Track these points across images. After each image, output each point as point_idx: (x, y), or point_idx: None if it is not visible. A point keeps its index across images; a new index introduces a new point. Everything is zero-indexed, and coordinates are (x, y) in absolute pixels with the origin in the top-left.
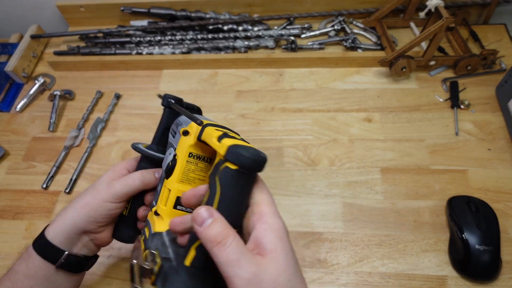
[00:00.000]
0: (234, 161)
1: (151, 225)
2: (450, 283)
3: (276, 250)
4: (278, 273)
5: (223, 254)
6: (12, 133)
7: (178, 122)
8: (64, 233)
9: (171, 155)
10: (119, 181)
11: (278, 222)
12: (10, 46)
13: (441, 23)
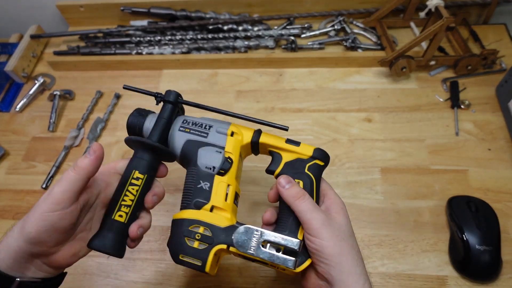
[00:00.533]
0: (322, 159)
1: (213, 222)
2: (450, 283)
3: (339, 214)
4: (342, 223)
5: (303, 204)
6: (12, 133)
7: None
8: (10, 258)
9: (221, 153)
10: (56, 183)
11: (340, 202)
12: (10, 46)
13: (441, 23)
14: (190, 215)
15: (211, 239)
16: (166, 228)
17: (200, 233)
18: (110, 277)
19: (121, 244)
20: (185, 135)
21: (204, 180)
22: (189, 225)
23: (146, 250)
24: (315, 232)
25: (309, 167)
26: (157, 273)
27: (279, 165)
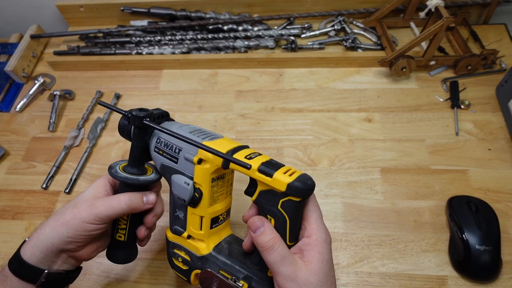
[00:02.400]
0: (297, 195)
1: (190, 249)
2: (450, 283)
3: (312, 261)
4: (311, 274)
5: (271, 256)
6: (12, 133)
7: (174, 146)
8: (41, 253)
9: (189, 185)
10: (103, 201)
11: (320, 237)
12: (10, 46)
13: (441, 23)
14: (173, 238)
15: (190, 264)
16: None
17: (182, 256)
18: (110, 277)
19: (129, 254)
20: (160, 158)
21: (179, 209)
22: (173, 247)
23: (146, 250)
24: (279, 286)
25: (283, 204)
26: (157, 273)
27: (254, 191)
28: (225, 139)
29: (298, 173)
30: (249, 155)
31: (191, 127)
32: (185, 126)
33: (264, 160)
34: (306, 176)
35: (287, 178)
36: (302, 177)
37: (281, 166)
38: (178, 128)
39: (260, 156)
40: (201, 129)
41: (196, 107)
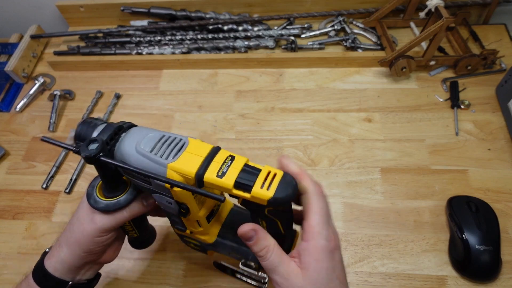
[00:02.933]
0: (279, 206)
1: (199, 240)
2: (450, 283)
3: (309, 269)
4: (306, 283)
5: (265, 263)
6: (12, 133)
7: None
8: (64, 268)
9: (172, 204)
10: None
11: (318, 243)
12: (10, 46)
13: (441, 23)
14: (178, 232)
15: (203, 247)
16: (166, 228)
17: (193, 242)
18: (110, 277)
19: (148, 240)
20: (133, 181)
21: (172, 216)
22: (184, 237)
23: (146, 250)
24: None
25: (269, 211)
26: (157, 273)
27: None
28: (192, 146)
29: (278, 179)
30: (221, 169)
31: (155, 138)
32: (147, 138)
33: (238, 170)
34: (287, 181)
35: (265, 193)
36: (282, 185)
37: (257, 173)
38: (141, 140)
39: (234, 164)
40: (166, 136)
41: (196, 107)
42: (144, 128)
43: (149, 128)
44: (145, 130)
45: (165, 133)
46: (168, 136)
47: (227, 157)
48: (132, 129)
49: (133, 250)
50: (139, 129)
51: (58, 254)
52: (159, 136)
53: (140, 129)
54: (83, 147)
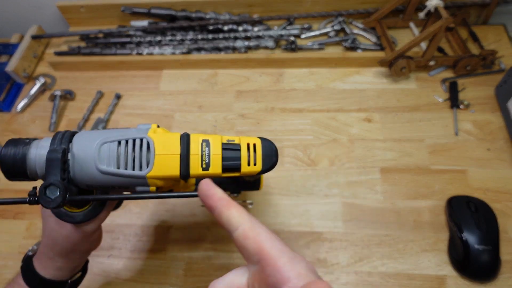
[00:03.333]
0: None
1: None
2: (450, 283)
3: None
4: None
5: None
6: (13, 133)
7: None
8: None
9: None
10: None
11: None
12: (11, 47)
13: (441, 24)
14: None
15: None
16: (166, 228)
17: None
18: (110, 277)
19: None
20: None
21: None
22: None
23: (146, 250)
24: None
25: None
26: (157, 273)
27: None
28: (159, 144)
29: (259, 150)
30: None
31: (112, 149)
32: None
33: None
34: (268, 149)
35: (253, 168)
36: (265, 155)
37: (238, 150)
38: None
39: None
40: (122, 142)
41: (196, 107)
42: (89, 136)
43: (94, 133)
44: (92, 139)
45: (118, 136)
46: (125, 141)
47: (201, 144)
48: (76, 145)
49: (133, 250)
50: (84, 141)
51: (53, 264)
52: (115, 145)
53: (85, 139)
54: (42, 198)
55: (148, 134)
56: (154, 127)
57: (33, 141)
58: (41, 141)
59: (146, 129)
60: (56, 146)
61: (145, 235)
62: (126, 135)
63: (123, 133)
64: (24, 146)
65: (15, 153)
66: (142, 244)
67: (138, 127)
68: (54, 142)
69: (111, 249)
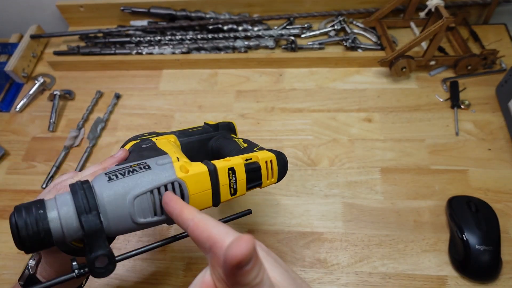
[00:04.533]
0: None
1: None
2: (450, 283)
3: None
4: None
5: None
6: (12, 133)
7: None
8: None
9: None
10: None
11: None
12: (10, 46)
13: (441, 23)
14: None
15: None
16: (166, 228)
17: None
18: (110, 277)
19: None
20: None
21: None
22: None
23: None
24: None
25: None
26: (157, 273)
27: None
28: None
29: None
30: (231, 188)
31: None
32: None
33: (244, 180)
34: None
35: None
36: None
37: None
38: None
39: (238, 176)
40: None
41: (196, 107)
42: (112, 191)
43: (114, 185)
44: (119, 195)
45: (147, 185)
46: (157, 190)
47: (228, 173)
48: (107, 206)
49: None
50: (113, 200)
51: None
52: (147, 197)
53: (112, 197)
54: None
55: (177, 174)
56: (175, 159)
57: (43, 203)
58: (58, 199)
59: (170, 167)
60: (85, 208)
61: (145, 235)
62: (154, 180)
63: (149, 177)
64: (37, 212)
65: (34, 221)
66: (142, 244)
67: (159, 163)
68: (78, 202)
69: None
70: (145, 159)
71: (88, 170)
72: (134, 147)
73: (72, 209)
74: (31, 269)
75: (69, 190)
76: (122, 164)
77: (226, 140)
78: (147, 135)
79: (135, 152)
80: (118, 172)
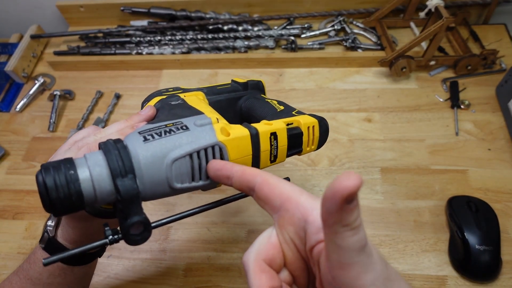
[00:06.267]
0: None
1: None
2: (450, 283)
3: None
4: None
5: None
6: (12, 133)
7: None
8: (84, 241)
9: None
10: None
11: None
12: (10, 46)
13: (441, 23)
14: None
15: None
16: (166, 228)
17: None
18: (110, 277)
19: None
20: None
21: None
22: None
23: (146, 250)
24: None
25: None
26: (157, 273)
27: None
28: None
29: (317, 132)
30: (272, 155)
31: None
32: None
33: (285, 146)
34: (324, 129)
35: (311, 148)
36: (321, 136)
37: (301, 136)
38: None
39: (280, 142)
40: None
41: None
42: (150, 152)
43: (151, 145)
44: (157, 157)
45: (186, 148)
46: (196, 154)
47: (270, 138)
48: (143, 168)
49: (133, 250)
50: (150, 161)
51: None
52: (186, 161)
53: (149, 158)
54: (129, 237)
55: (218, 137)
56: (215, 121)
57: (73, 163)
58: (89, 157)
59: (210, 129)
60: (121, 171)
61: None
62: (194, 143)
63: (188, 139)
64: (68, 171)
65: (64, 181)
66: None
67: (197, 124)
68: (113, 163)
69: (111, 249)
70: (178, 118)
71: (113, 127)
72: (162, 103)
73: (106, 171)
74: (50, 232)
75: (100, 149)
76: (155, 123)
77: (257, 100)
78: (172, 90)
79: (166, 110)
80: (153, 132)
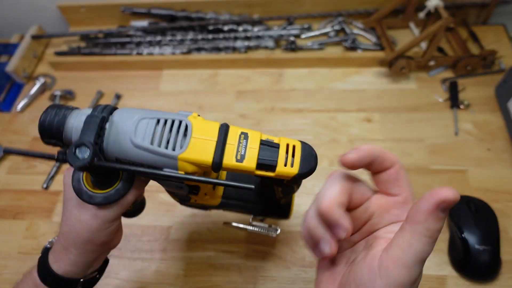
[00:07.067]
0: (301, 179)
1: (202, 204)
2: (450, 283)
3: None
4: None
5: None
6: (13, 133)
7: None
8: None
9: (183, 188)
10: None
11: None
12: (11, 47)
13: (441, 24)
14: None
15: (205, 207)
16: (166, 228)
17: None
18: (110, 277)
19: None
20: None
21: (179, 195)
22: (184, 202)
23: (146, 250)
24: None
25: (287, 181)
26: (157, 273)
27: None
28: (197, 127)
29: (298, 152)
30: (238, 152)
31: (150, 125)
32: (140, 126)
33: (256, 150)
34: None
35: (290, 170)
36: (304, 158)
37: (277, 148)
38: (133, 131)
39: (250, 143)
40: (161, 120)
41: (196, 107)
42: (129, 111)
43: (134, 110)
44: (132, 114)
45: (158, 115)
46: (164, 120)
47: (240, 136)
48: (116, 117)
49: (134, 250)
50: (125, 114)
51: (67, 257)
52: (153, 122)
53: (125, 113)
54: (71, 156)
55: (188, 119)
56: (195, 114)
57: (75, 109)
58: (82, 110)
59: (186, 115)
60: (97, 113)
61: (145, 235)
62: (166, 115)
63: (164, 114)
64: (65, 111)
65: (56, 115)
66: (142, 244)
67: (179, 113)
68: (95, 110)
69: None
70: None
71: None
72: None
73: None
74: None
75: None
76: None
77: None
78: None
79: None
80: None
